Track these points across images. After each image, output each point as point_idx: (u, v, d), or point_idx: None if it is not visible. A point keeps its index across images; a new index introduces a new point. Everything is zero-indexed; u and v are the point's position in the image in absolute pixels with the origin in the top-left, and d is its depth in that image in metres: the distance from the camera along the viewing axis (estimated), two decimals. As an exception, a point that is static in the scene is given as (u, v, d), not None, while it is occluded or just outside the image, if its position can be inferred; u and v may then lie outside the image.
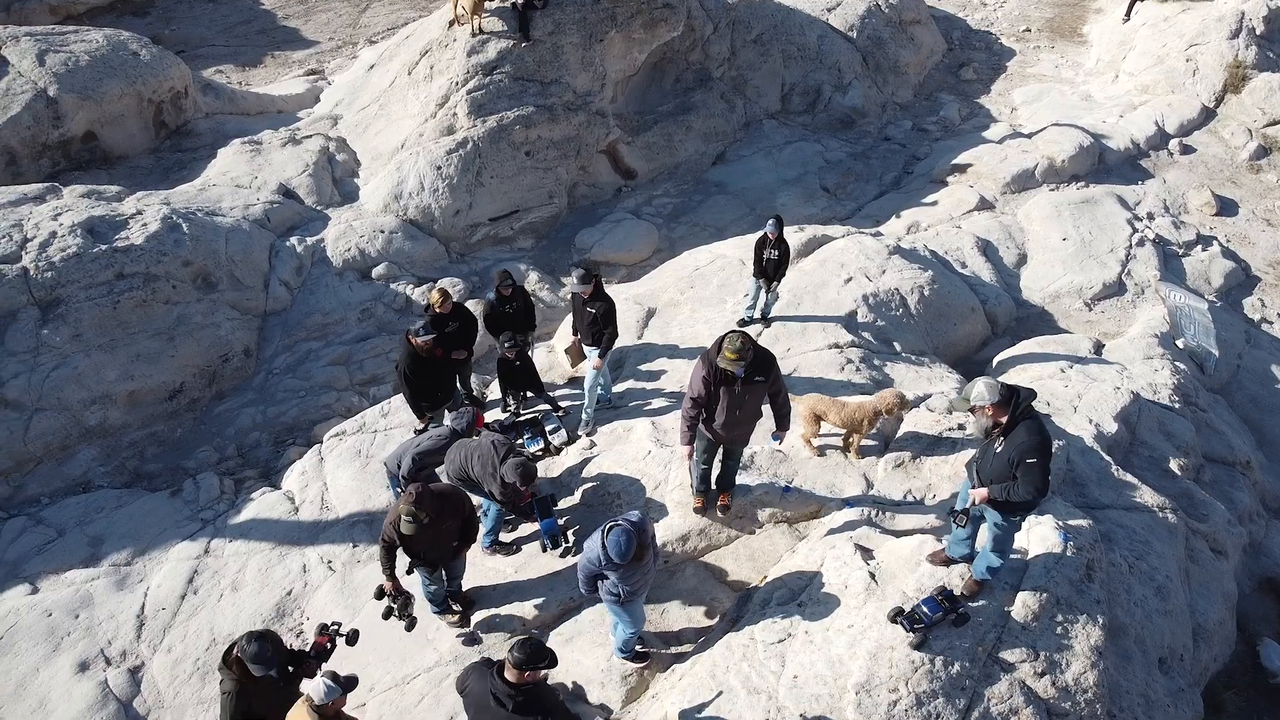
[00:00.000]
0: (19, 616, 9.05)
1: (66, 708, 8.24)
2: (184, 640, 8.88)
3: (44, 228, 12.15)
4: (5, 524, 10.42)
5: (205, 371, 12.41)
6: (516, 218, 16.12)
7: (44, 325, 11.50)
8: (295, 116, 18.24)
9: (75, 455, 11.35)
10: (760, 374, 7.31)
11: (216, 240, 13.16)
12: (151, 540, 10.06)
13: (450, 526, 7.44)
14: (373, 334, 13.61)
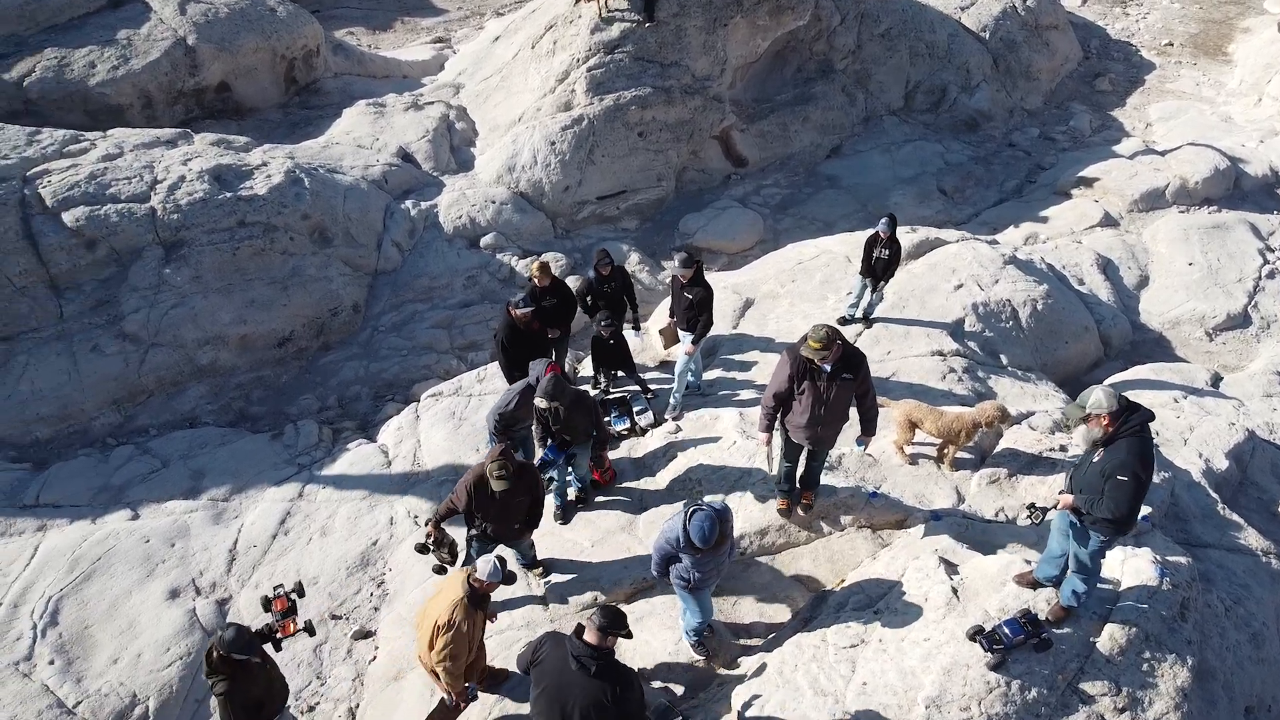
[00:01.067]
0: (118, 540, 9.53)
1: (154, 632, 8.65)
2: (271, 578, 9.23)
3: (174, 171, 12.72)
4: (114, 451, 10.99)
5: (314, 323, 12.84)
6: (623, 198, 16.18)
7: (166, 265, 12.06)
8: (419, 82, 18.65)
9: (185, 391, 11.90)
10: (848, 372, 7.15)
11: (335, 197, 13.57)
12: (249, 479, 10.49)
13: (521, 501, 7.44)
14: (476, 301, 13.87)
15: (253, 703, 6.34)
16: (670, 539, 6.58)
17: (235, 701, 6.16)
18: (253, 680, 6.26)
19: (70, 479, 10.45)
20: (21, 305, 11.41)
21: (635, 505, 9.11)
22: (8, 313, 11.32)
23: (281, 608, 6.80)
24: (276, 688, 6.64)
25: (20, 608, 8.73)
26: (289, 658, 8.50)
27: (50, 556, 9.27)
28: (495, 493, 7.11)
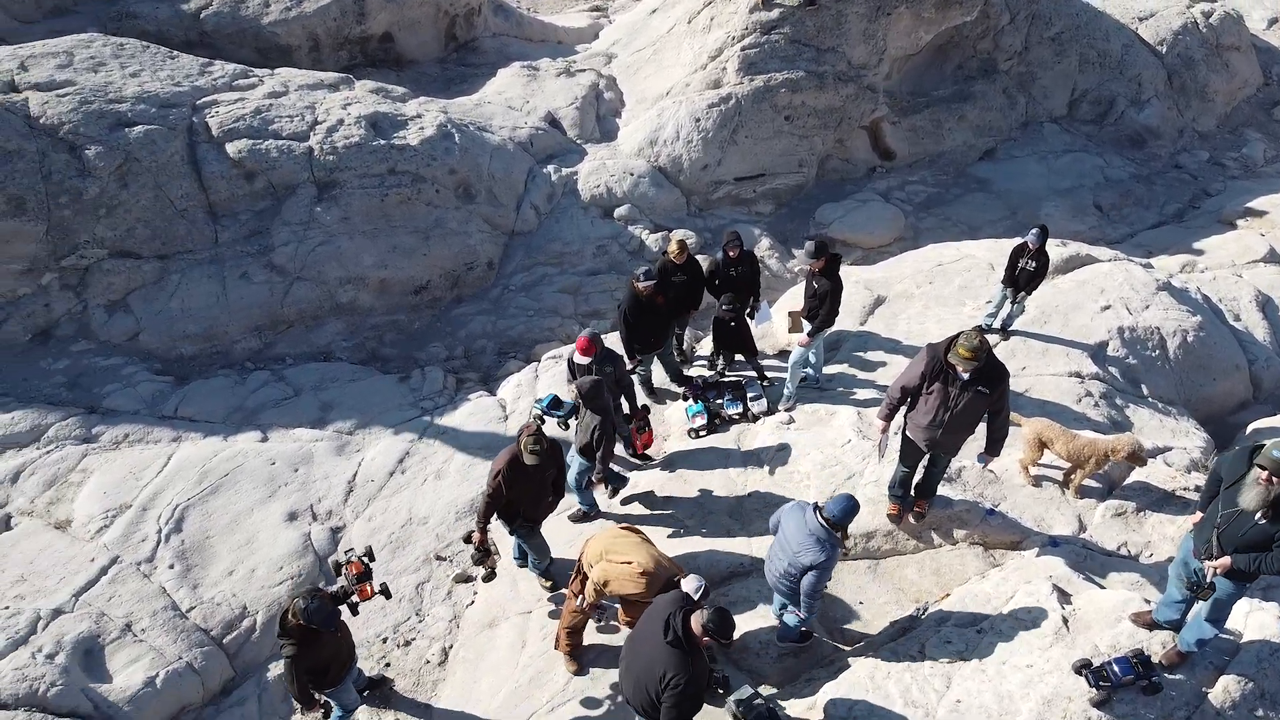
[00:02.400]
0: (246, 459, 10.02)
1: (270, 550, 9.08)
2: (384, 513, 9.58)
3: (333, 114, 13.20)
4: (251, 375, 11.55)
5: (450, 275, 13.19)
6: (761, 181, 16.00)
7: (318, 203, 12.55)
8: (573, 49, 18.82)
9: (323, 326, 12.39)
10: (985, 385, 6.85)
11: (482, 156, 13.86)
12: (374, 417, 10.88)
13: (550, 474, 7.61)
14: (603, 270, 13.98)
15: (320, 667, 6.53)
16: (784, 512, 6.73)
17: (300, 666, 6.33)
18: (322, 645, 6.41)
19: (208, 396, 11.05)
20: (180, 227, 12.07)
21: (740, 490, 9.05)
22: (167, 233, 11.98)
23: (357, 571, 6.94)
24: (344, 651, 6.80)
25: (148, 511, 9.29)
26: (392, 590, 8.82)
27: (181, 467, 9.83)
28: (530, 468, 7.22)
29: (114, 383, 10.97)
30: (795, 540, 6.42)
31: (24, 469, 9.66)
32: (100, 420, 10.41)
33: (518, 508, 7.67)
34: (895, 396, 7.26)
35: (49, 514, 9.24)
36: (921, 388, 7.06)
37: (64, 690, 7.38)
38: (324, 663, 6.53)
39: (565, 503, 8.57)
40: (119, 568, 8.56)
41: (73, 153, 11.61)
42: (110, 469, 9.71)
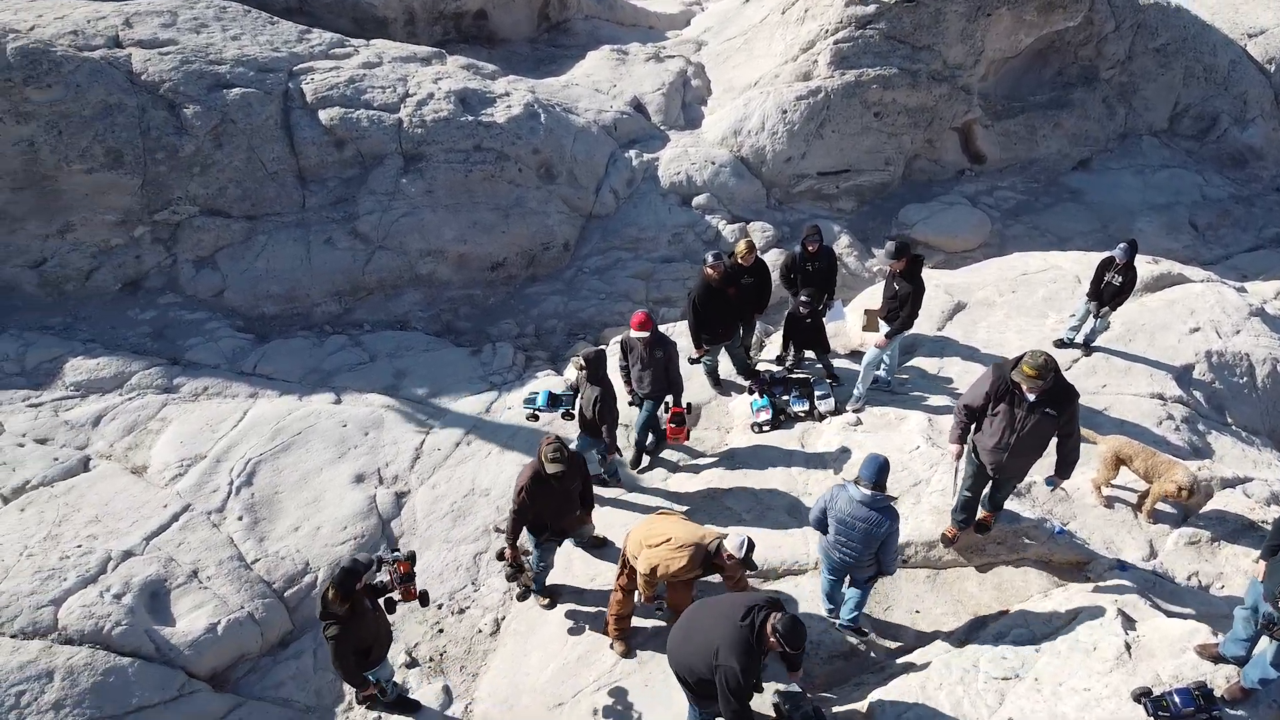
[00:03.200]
0: (319, 419, 10.24)
1: (336, 509, 9.27)
2: (448, 482, 9.71)
3: (424, 88, 13.38)
4: (329, 338, 11.81)
5: (526, 254, 13.30)
6: (845, 177, 15.78)
7: (404, 175, 12.75)
8: (663, 35, 18.78)
9: (401, 296, 12.60)
10: (1053, 407, 6.59)
11: (566, 137, 13.92)
12: (445, 387, 11.04)
13: (575, 486, 7.57)
14: (677, 258, 13.95)
15: (362, 648, 6.61)
16: (834, 491, 6.78)
17: (344, 646, 6.40)
18: (363, 626, 6.49)
19: (286, 356, 11.33)
20: (270, 189, 12.38)
21: (801, 489, 8.97)
22: (257, 194, 12.30)
23: (404, 570, 6.97)
24: (383, 635, 6.89)
25: (222, 463, 9.55)
26: (450, 560, 8.96)
27: (256, 422, 10.09)
28: (554, 480, 7.18)
29: (197, 336, 11.32)
30: (859, 519, 6.53)
31: (105, 414, 10.02)
32: (182, 372, 10.76)
33: (545, 521, 7.65)
34: (962, 417, 7.06)
35: (126, 459, 9.57)
36: (987, 408, 6.84)
37: (128, 630, 7.62)
38: (366, 644, 6.61)
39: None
40: (190, 516, 8.83)
41: (171, 110, 11.98)
42: (188, 419, 10.02)
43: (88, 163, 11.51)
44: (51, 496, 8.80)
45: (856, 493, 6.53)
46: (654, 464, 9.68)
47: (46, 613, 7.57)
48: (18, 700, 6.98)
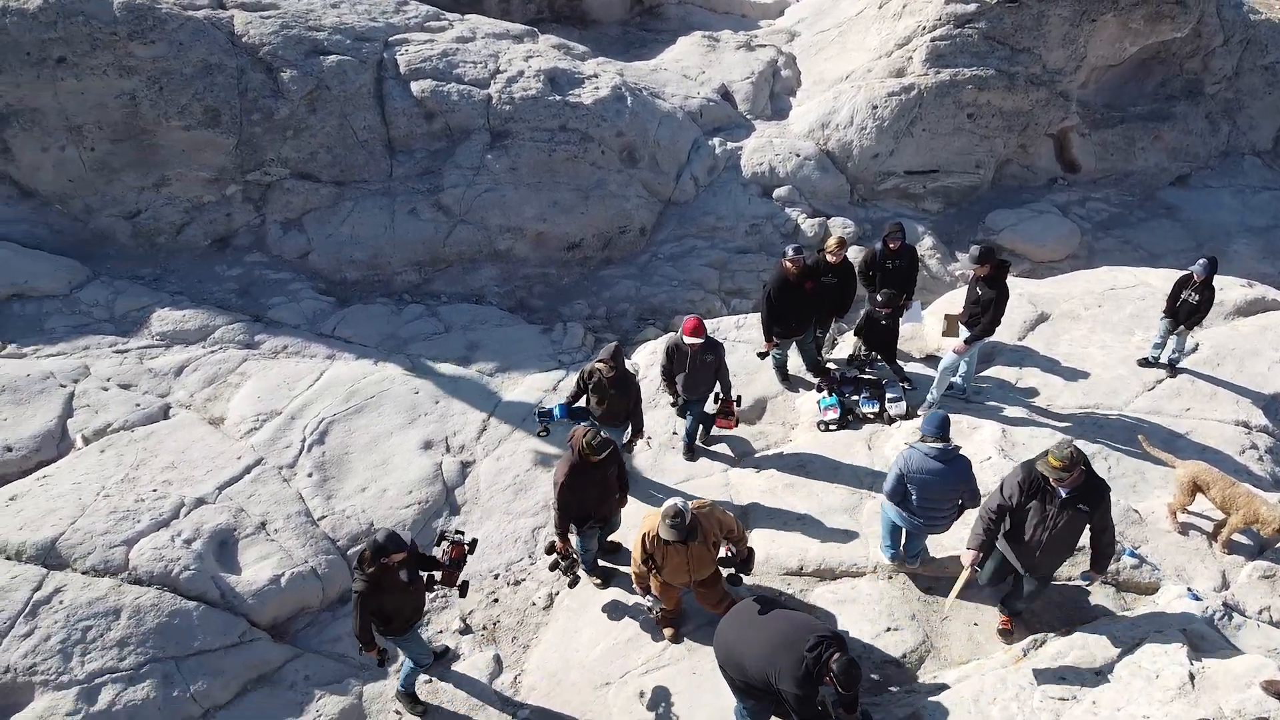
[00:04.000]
0: (392, 385, 10.44)
1: (403, 473, 9.44)
2: (512, 455, 9.82)
3: (515, 65, 13.47)
4: (407, 307, 12.02)
5: (603, 236, 13.34)
6: (932, 177, 15.47)
7: (489, 151, 12.88)
8: (756, 23, 18.61)
9: (478, 270, 12.76)
10: (1085, 502, 6.31)
11: (650, 121, 13.89)
12: (515, 362, 11.15)
13: (613, 471, 7.53)
14: (753, 250, 13.85)
15: (382, 615, 6.62)
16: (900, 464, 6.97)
17: (365, 606, 6.44)
18: (388, 595, 6.49)
19: (364, 321, 11.57)
20: (359, 157, 12.61)
21: (864, 491, 8.85)
22: (346, 161, 12.54)
23: (456, 555, 7.02)
24: (409, 608, 6.84)
25: (296, 420, 9.80)
26: (509, 532, 9.07)
27: (332, 383, 10.33)
28: (594, 465, 7.14)
29: (280, 296, 11.61)
30: (935, 473, 6.82)
31: (188, 365, 10.36)
32: (263, 329, 11.05)
33: (587, 510, 7.63)
34: (992, 518, 6.66)
35: (205, 410, 9.87)
36: (1020, 504, 6.56)
37: (195, 575, 7.88)
38: (388, 611, 6.62)
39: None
40: (262, 469, 9.08)
41: (269, 74, 12.27)
42: (266, 376, 10.30)
43: (186, 119, 11.86)
44: (131, 441, 9.12)
45: (926, 448, 6.81)
46: (697, 454, 9.62)
47: (118, 552, 7.86)
48: (84, 635, 7.27)
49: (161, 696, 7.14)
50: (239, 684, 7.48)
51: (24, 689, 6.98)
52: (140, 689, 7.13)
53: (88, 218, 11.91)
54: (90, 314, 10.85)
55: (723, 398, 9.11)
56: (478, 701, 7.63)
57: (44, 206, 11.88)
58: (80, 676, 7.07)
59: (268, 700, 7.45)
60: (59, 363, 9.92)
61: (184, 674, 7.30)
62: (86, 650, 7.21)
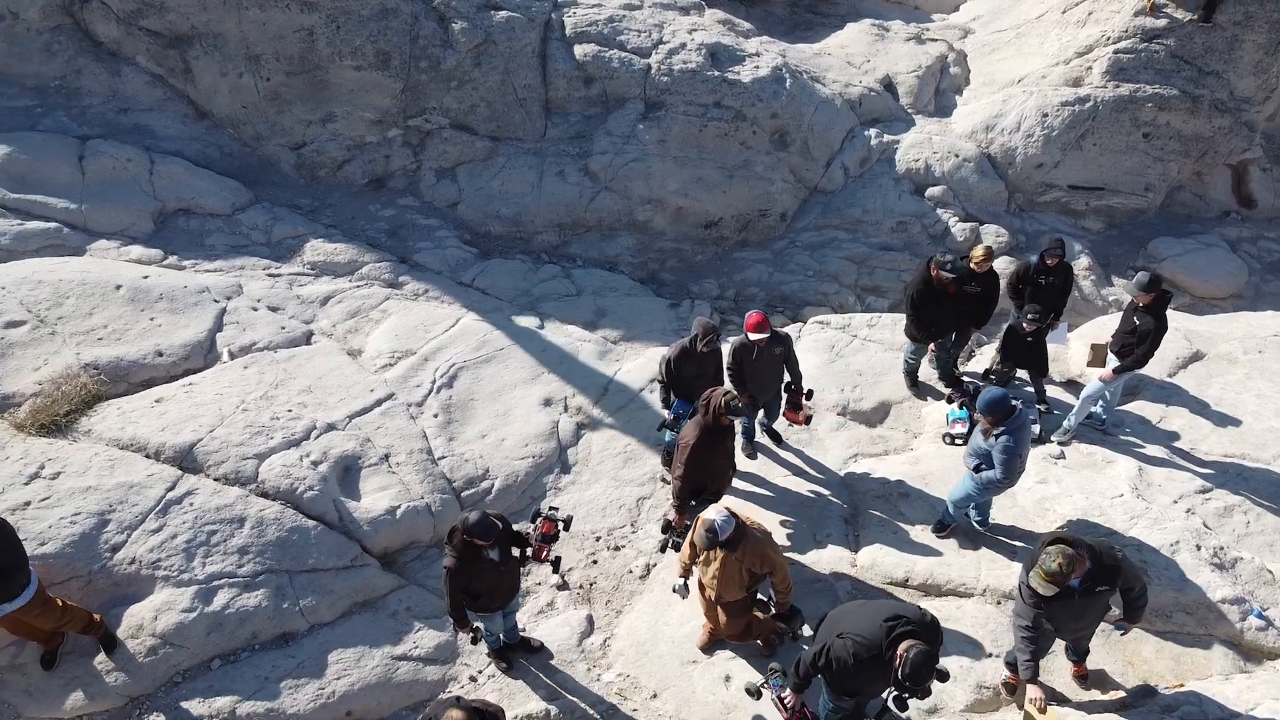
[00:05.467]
0: (520, 339, 10.63)
1: (522, 426, 9.64)
2: (626, 424, 9.90)
3: (678, 37, 13.43)
4: (544, 266, 12.22)
5: (742, 217, 13.24)
6: (1097, 195, 14.74)
7: (642, 120, 12.90)
8: (928, 17, 18.02)
9: (615, 238, 12.86)
10: (1104, 584, 5.99)
11: (807, 106, 13.66)
12: (639, 333, 11.23)
13: (731, 444, 7.52)
14: (897, 248, 13.51)
15: (471, 592, 6.63)
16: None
17: (454, 581, 6.46)
18: (476, 571, 6.49)
19: (502, 275, 11.83)
20: (516, 114, 12.83)
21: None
22: (504, 117, 12.79)
23: (548, 531, 7.04)
24: (502, 588, 6.85)
25: (429, 362, 10.11)
26: (614, 497, 9.18)
27: (465, 331, 10.60)
28: (717, 439, 7.09)
29: (427, 241, 11.98)
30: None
31: (334, 296, 10.79)
32: (407, 271, 11.43)
33: (705, 482, 7.55)
34: (1028, 636, 6.34)
35: (345, 341, 10.29)
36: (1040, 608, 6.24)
37: (318, 496, 8.25)
38: (477, 589, 6.64)
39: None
40: (391, 404, 9.41)
41: (441, 23, 12.58)
42: (405, 316, 10.65)
43: (358, 60, 12.29)
44: (273, 361, 9.57)
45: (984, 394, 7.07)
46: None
47: (250, 465, 8.29)
48: (208, 538, 7.69)
49: (272, 606, 7.52)
50: (345, 605, 7.83)
51: (146, 581, 7.41)
52: (253, 596, 7.53)
53: (256, 144, 12.51)
54: (248, 236, 11.41)
55: (793, 388, 8.88)
56: (566, 657, 7.77)
57: (216, 129, 12.53)
58: (199, 577, 7.48)
59: (369, 625, 7.76)
60: (215, 279, 10.47)
61: (295, 588, 7.68)
62: (209, 553, 7.62)
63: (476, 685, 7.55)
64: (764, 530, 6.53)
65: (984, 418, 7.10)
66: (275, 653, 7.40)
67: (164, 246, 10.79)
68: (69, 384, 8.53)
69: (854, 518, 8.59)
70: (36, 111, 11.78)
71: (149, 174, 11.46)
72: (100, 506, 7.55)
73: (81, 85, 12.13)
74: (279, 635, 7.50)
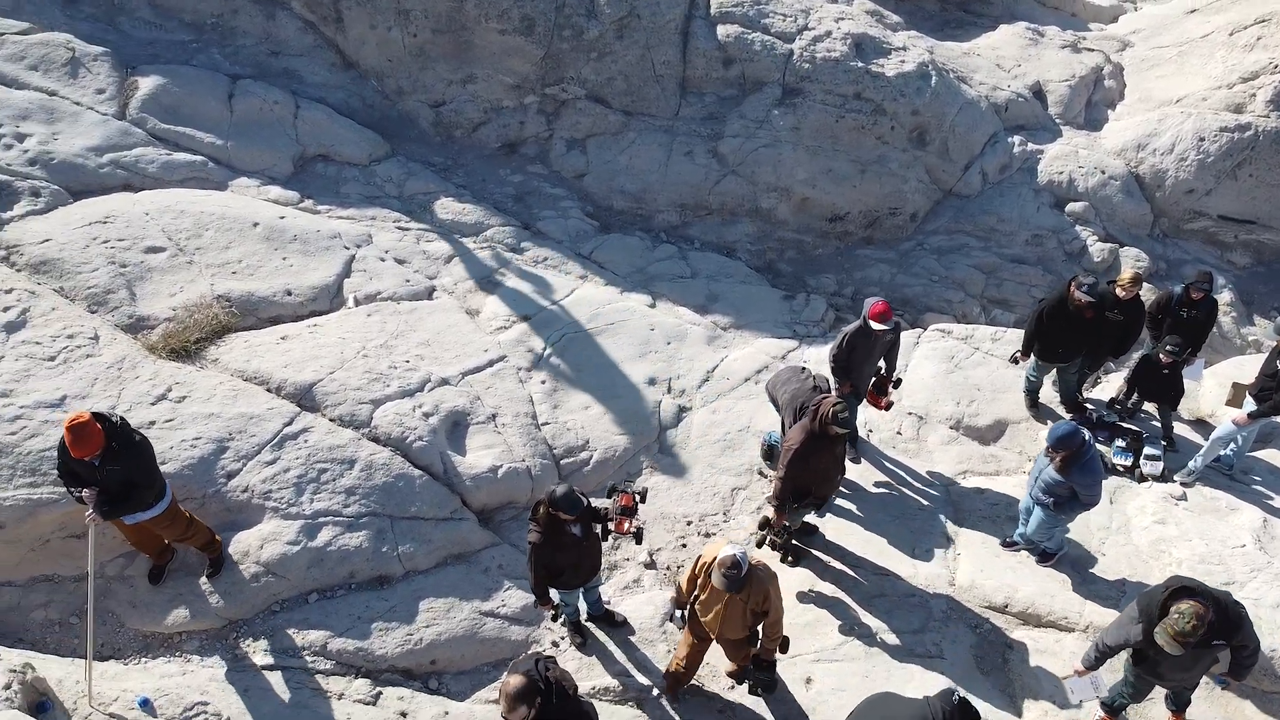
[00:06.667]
0: (631, 316, 10.64)
1: (624, 402, 9.68)
2: (728, 412, 9.84)
3: (824, 24, 13.14)
4: (661, 245, 12.19)
5: (869, 214, 12.95)
6: (1248, 229, 13.92)
7: (777, 106, 12.69)
8: (1085, 25, 17.25)
9: (736, 223, 12.73)
10: (1220, 638, 5.70)
11: (951, 106, 13.23)
12: (750, 322, 11.11)
13: (842, 451, 7.30)
14: (1030, 261, 13.03)
15: (555, 568, 6.68)
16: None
17: (539, 556, 6.52)
18: (561, 546, 6.51)
19: (619, 250, 11.85)
20: (652, 90, 12.78)
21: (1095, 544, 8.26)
22: (639, 92, 12.75)
23: (626, 503, 7.05)
24: (584, 565, 6.89)
25: (542, 329, 10.21)
26: (709, 484, 9.13)
27: (579, 302, 10.67)
28: (828, 443, 6.92)
29: (551, 210, 12.07)
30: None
31: (457, 254, 10.98)
32: (530, 238, 11.55)
33: (808, 486, 7.39)
34: (1101, 653, 6.25)
35: (464, 300, 10.46)
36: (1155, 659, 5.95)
37: (426, 447, 8.43)
38: (560, 565, 6.69)
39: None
40: (503, 365, 9.55)
41: (587, -7, 12.60)
42: (523, 281, 10.77)
43: (503, 24, 12.40)
44: (395, 312, 9.79)
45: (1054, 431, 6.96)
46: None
47: (365, 410, 8.52)
48: (319, 476, 7.95)
49: (372, 548, 7.74)
50: (440, 556, 8.01)
51: (256, 510, 7.72)
52: (356, 536, 7.76)
53: (397, 98, 12.77)
54: (382, 188, 11.69)
55: (884, 373, 8.67)
56: (647, 636, 7.79)
57: (361, 80, 12.83)
58: (307, 511, 7.75)
59: (461, 578, 7.92)
60: (347, 226, 10.76)
61: (395, 533, 7.89)
62: (318, 490, 7.88)
63: (558, 650, 7.65)
64: (769, 569, 6.25)
65: (1057, 453, 6.93)
66: (369, 594, 7.63)
67: (301, 190, 11.12)
68: (201, 313, 8.89)
69: (956, 536, 8.35)
70: (192, 46, 12.24)
71: (293, 118, 11.82)
72: (220, 433, 7.87)
73: (236, 25, 12.55)
74: (375, 577, 7.73)
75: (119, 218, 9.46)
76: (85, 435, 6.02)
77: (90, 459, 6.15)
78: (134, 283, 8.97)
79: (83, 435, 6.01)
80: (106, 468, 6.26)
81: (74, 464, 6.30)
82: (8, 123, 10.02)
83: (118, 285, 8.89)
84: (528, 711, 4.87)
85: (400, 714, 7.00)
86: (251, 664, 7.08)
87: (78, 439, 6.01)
